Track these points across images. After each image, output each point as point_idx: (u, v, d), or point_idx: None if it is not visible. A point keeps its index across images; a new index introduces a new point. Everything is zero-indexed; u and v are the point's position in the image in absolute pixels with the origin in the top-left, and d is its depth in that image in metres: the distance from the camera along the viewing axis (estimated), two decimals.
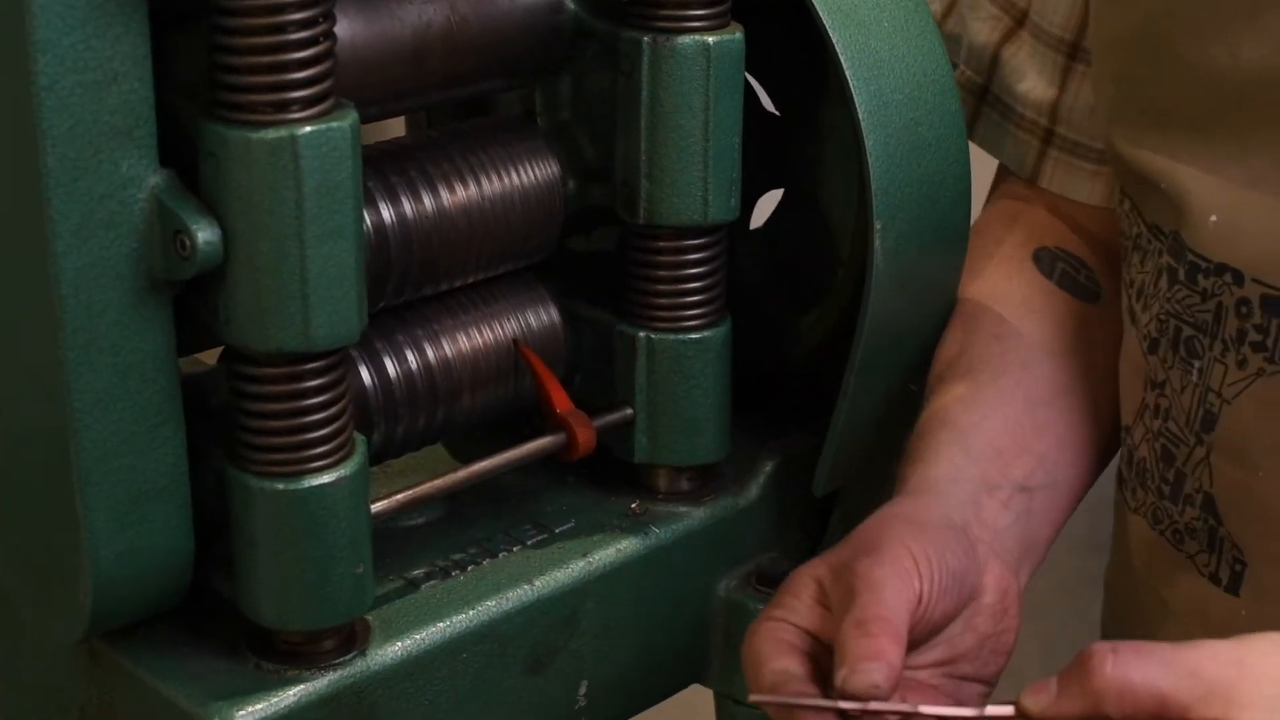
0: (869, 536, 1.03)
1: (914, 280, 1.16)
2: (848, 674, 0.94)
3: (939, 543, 1.03)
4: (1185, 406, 1.11)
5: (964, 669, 1.05)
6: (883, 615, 0.97)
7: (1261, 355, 1.05)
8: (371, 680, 1.02)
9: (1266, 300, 1.05)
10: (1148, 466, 1.15)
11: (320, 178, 0.89)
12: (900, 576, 0.99)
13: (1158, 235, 1.11)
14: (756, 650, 1.02)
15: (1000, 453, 1.13)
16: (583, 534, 1.14)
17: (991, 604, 1.06)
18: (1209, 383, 1.09)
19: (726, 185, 1.10)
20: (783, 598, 1.04)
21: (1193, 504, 1.12)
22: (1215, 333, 1.08)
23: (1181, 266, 1.09)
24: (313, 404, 0.95)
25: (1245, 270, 1.06)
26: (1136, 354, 1.15)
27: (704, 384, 1.14)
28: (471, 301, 1.12)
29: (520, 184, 1.10)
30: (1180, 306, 1.10)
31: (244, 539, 0.97)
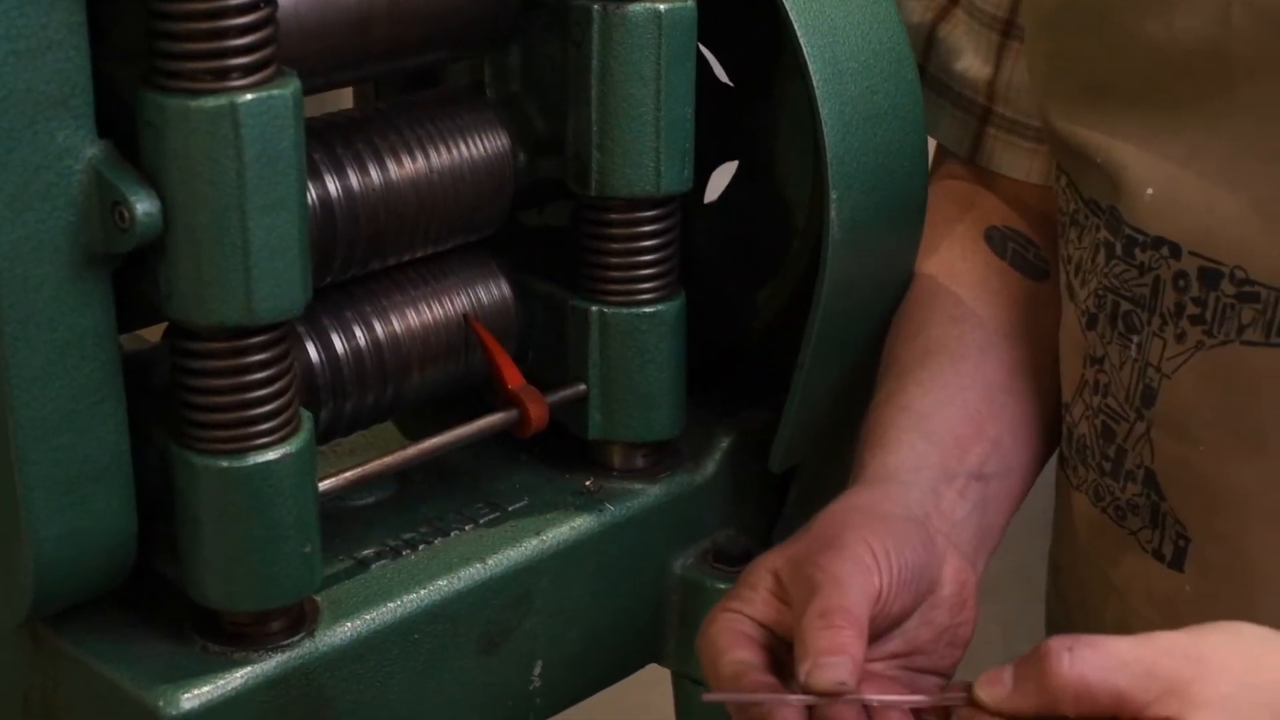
0: (828, 529, 1.03)
1: (871, 251, 1.14)
2: (811, 668, 0.94)
3: (899, 537, 1.02)
4: (1125, 382, 1.10)
5: (920, 661, 1.05)
6: (845, 607, 0.96)
7: (1200, 328, 1.05)
8: (321, 662, 1.00)
9: (1204, 272, 1.04)
10: (1088, 443, 1.15)
11: (261, 147, 0.88)
12: (861, 571, 0.99)
13: (1095, 210, 1.11)
14: (713, 642, 1.01)
15: (959, 440, 1.13)
16: (536, 512, 1.12)
17: (949, 596, 1.05)
18: (1148, 357, 1.08)
19: (679, 156, 1.08)
20: (739, 590, 1.03)
21: (1134, 480, 1.11)
22: (1153, 307, 1.08)
23: (1119, 241, 1.09)
24: (257, 379, 0.93)
25: (1182, 243, 1.05)
26: (1075, 330, 1.14)
27: (658, 359, 1.13)
28: (421, 276, 1.11)
29: (469, 156, 1.09)
30: (1118, 281, 1.09)
31: (188, 518, 0.95)
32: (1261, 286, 1.02)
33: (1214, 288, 1.04)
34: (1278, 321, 1.02)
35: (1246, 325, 1.03)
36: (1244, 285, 1.03)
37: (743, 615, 1.01)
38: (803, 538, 1.03)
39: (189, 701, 0.95)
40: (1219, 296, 1.04)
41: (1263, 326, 1.02)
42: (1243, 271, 1.03)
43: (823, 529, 1.03)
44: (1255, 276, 1.02)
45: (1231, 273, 1.03)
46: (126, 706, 0.96)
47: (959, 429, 1.13)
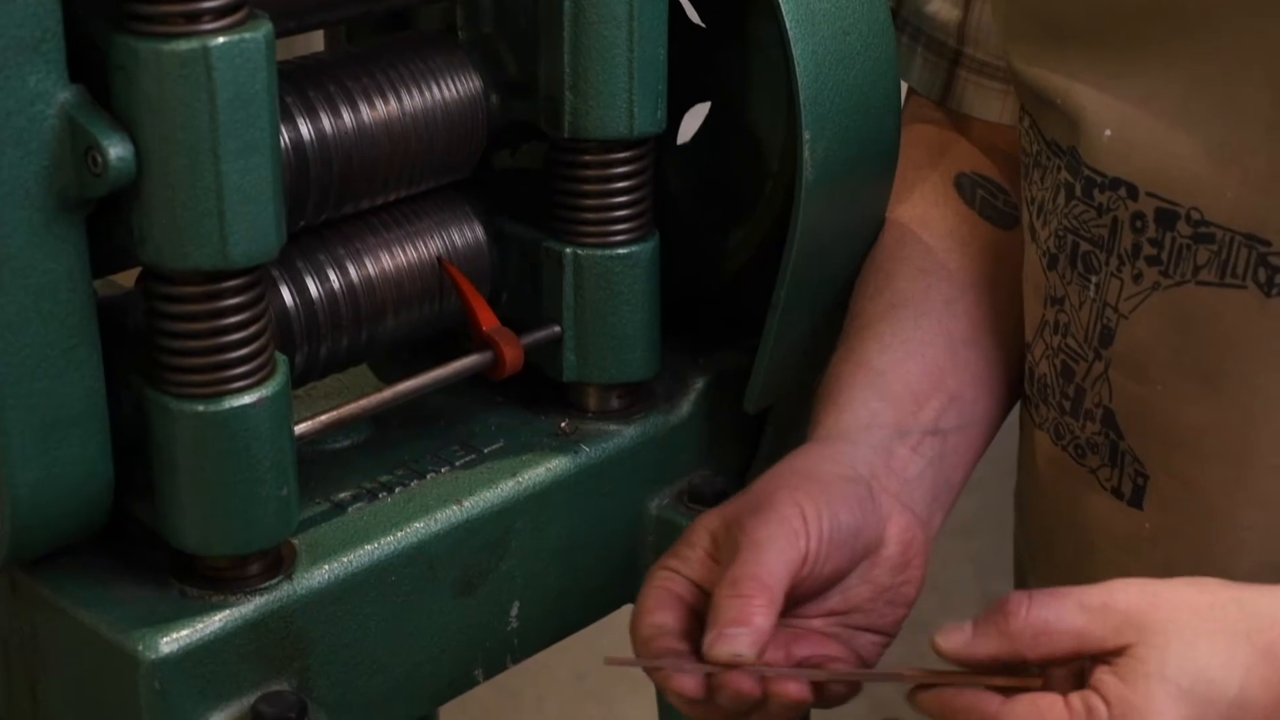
0: (763, 491, 1.04)
1: (844, 193, 1.14)
2: (714, 639, 0.96)
3: (832, 497, 1.03)
4: (1083, 322, 1.11)
5: (858, 620, 1.06)
6: (757, 575, 0.98)
7: (1156, 269, 1.06)
8: (299, 604, 1.00)
9: (1161, 213, 1.05)
10: (1049, 382, 1.15)
11: (234, 90, 0.87)
12: (785, 536, 1.00)
13: (1056, 152, 1.11)
14: (641, 602, 1.03)
15: (915, 396, 1.13)
16: (512, 454, 1.13)
17: (892, 556, 1.06)
18: (1105, 298, 1.09)
19: (653, 97, 1.08)
20: (679, 548, 1.04)
21: (1093, 419, 1.12)
22: (1111, 248, 1.08)
23: (1079, 182, 1.09)
24: (232, 323, 0.93)
25: (1140, 184, 1.06)
26: (1037, 271, 1.15)
27: (632, 300, 1.13)
28: (395, 220, 1.10)
29: (442, 99, 1.08)
30: (1078, 222, 1.10)
31: (165, 463, 0.95)
32: (1217, 228, 1.03)
33: (1170, 229, 1.05)
34: (1232, 262, 1.02)
35: (1202, 266, 1.04)
36: (1200, 226, 1.03)
37: (678, 575, 1.03)
38: (742, 498, 1.05)
39: (168, 645, 0.95)
40: (1175, 237, 1.05)
41: (1218, 267, 1.03)
42: (1198, 213, 1.03)
43: (759, 491, 1.04)
44: (1211, 218, 1.03)
45: (1188, 214, 1.04)
46: (105, 651, 0.96)
47: (916, 385, 1.14)
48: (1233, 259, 1.02)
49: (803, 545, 1.00)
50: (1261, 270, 1.01)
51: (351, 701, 1.04)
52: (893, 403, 1.12)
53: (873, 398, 1.12)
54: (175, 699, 0.96)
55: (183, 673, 0.96)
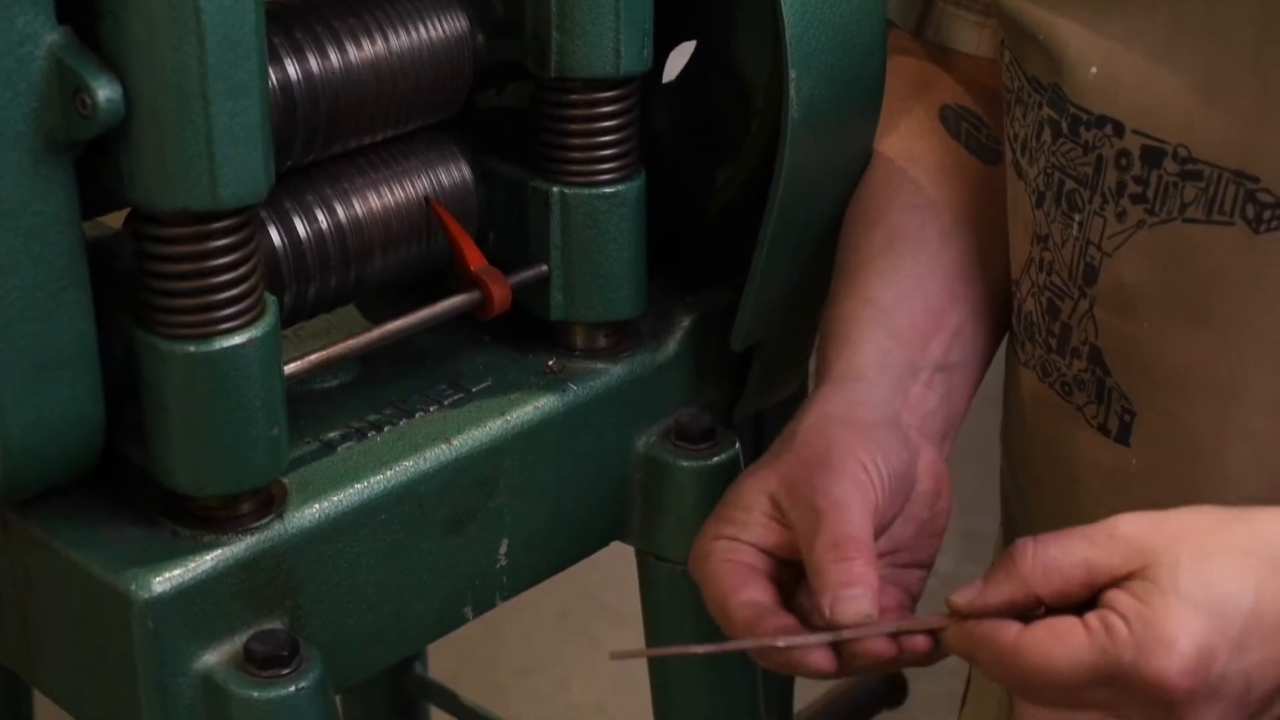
0: (816, 446, 1.03)
1: (830, 130, 1.15)
2: (834, 602, 0.96)
3: (883, 446, 1.03)
4: (1067, 260, 1.11)
5: (904, 557, 1.07)
6: (854, 535, 0.98)
7: (1141, 207, 1.06)
8: (289, 543, 1.01)
9: (1147, 151, 1.05)
10: (1035, 320, 1.16)
11: (223, 32, 0.87)
12: (859, 490, 1.00)
13: (1036, 88, 1.11)
14: (716, 579, 1.02)
15: (921, 333, 1.13)
16: (500, 393, 1.13)
17: (926, 490, 1.07)
18: (1089, 236, 1.09)
19: (639, 36, 1.08)
20: (731, 513, 1.04)
21: (1079, 356, 1.12)
22: (1095, 185, 1.08)
23: (1064, 120, 1.09)
24: (221, 264, 0.93)
25: (1126, 121, 1.06)
26: (1025, 208, 1.15)
27: (619, 239, 1.13)
28: (382, 160, 1.10)
29: (428, 38, 1.08)
30: (1064, 160, 1.10)
31: (155, 404, 0.95)
32: (1204, 164, 1.03)
33: (1157, 166, 1.05)
34: (1220, 199, 1.03)
35: (1189, 204, 1.04)
36: (1187, 164, 1.03)
37: (740, 543, 1.02)
38: (788, 457, 1.04)
39: (160, 585, 0.96)
40: (1161, 175, 1.05)
41: (1204, 205, 1.03)
42: (1185, 150, 1.03)
43: (808, 445, 1.04)
44: (1198, 155, 1.03)
45: (1174, 151, 1.04)
46: (98, 591, 0.97)
47: (921, 321, 1.14)
48: (1220, 196, 1.02)
49: (873, 498, 1.01)
50: (1250, 206, 1.01)
51: (342, 639, 1.05)
52: (901, 340, 1.12)
53: (883, 336, 1.12)
54: (168, 638, 0.96)
55: (175, 612, 0.96)
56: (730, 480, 1.15)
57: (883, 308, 1.13)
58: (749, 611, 1.00)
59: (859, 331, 1.12)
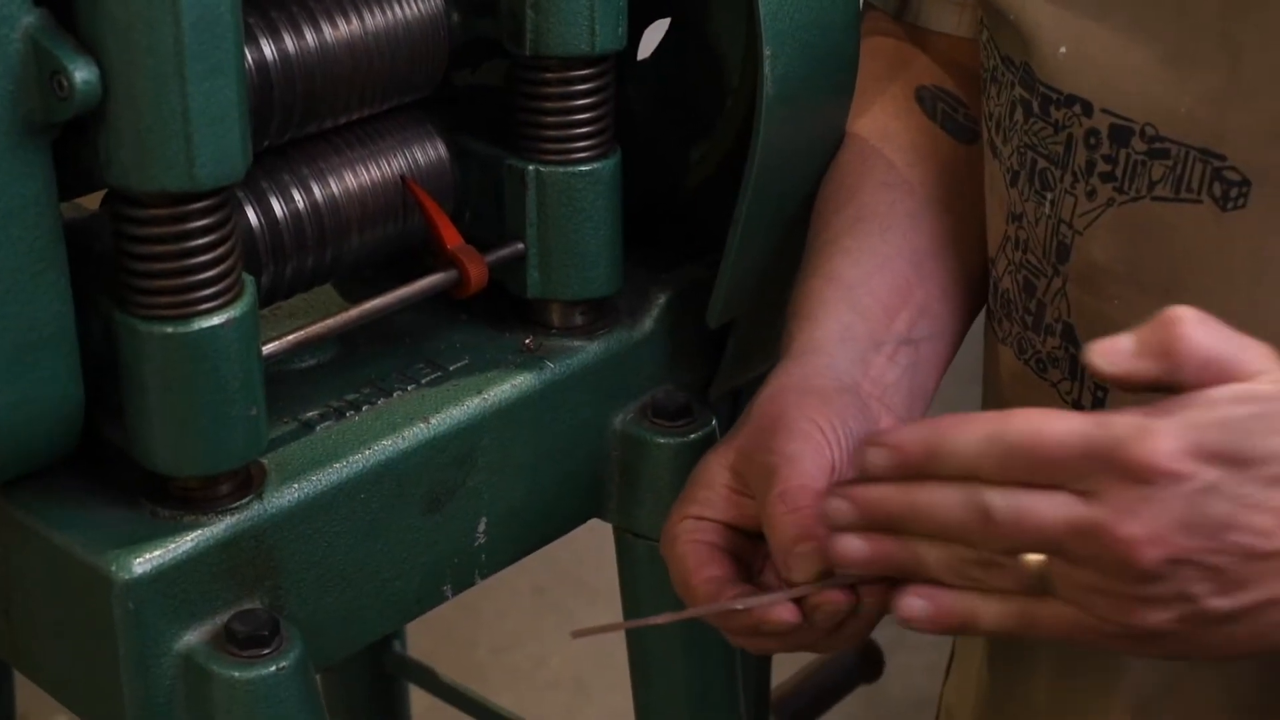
0: (769, 413, 1.04)
1: (804, 108, 1.15)
2: (786, 561, 0.96)
3: (840, 408, 1.04)
4: (1041, 238, 1.12)
5: None
6: (804, 485, 0.98)
7: (1111, 185, 1.07)
8: (269, 523, 1.01)
9: (1115, 129, 1.06)
10: (1012, 298, 1.16)
11: (199, 12, 0.87)
12: (813, 447, 1.00)
13: (1010, 67, 1.12)
14: (681, 559, 1.03)
15: (887, 309, 1.14)
16: (477, 371, 1.13)
17: None
18: (1061, 214, 1.10)
19: (614, 14, 1.08)
20: (695, 492, 1.04)
21: (1053, 333, 1.13)
22: (1066, 164, 1.09)
23: (1035, 99, 1.10)
24: (199, 245, 0.93)
25: (1094, 100, 1.06)
26: (1000, 187, 1.16)
27: (595, 217, 1.13)
28: (358, 139, 1.11)
29: (404, 17, 1.08)
30: (1036, 139, 1.11)
31: (135, 385, 0.96)
32: (1171, 143, 1.03)
33: (1125, 144, 1.05)
34: (1187, 177, 1.03)
35: (1157, 181, 1.04)
36: (1154, 142, 1.04)
37: (704, 521, 1.03)
38: (745, 429, 1.05)
39: (140, 565, 0.96)
40: (1129, 154, 1.05)
41: (1172, 183, 1.04)
42: (1153, 128, 1.04)
43: (763, 414, 1.04)
44: (1165, 133, 1.04)
45: (1142, 129, 1.05)
46: (79, 572, 0.97)
47: (886, 297, 1.14)
48: (1188, 174, 1.03)
49: (828, 454, 1.01)
50: (1217, 184, 1.02)
51: (322, 618, 1.05)
52: (865, 315, 1.13)
53: (845, 311, 1.12)
54: (148, 619, 0.97)
55: (156, 592, 0.97)
56: None
57: (847, 284, 1.14)
58: (711, 587, 1.01)
59: (822, 307, 1.13)
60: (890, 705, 2.76)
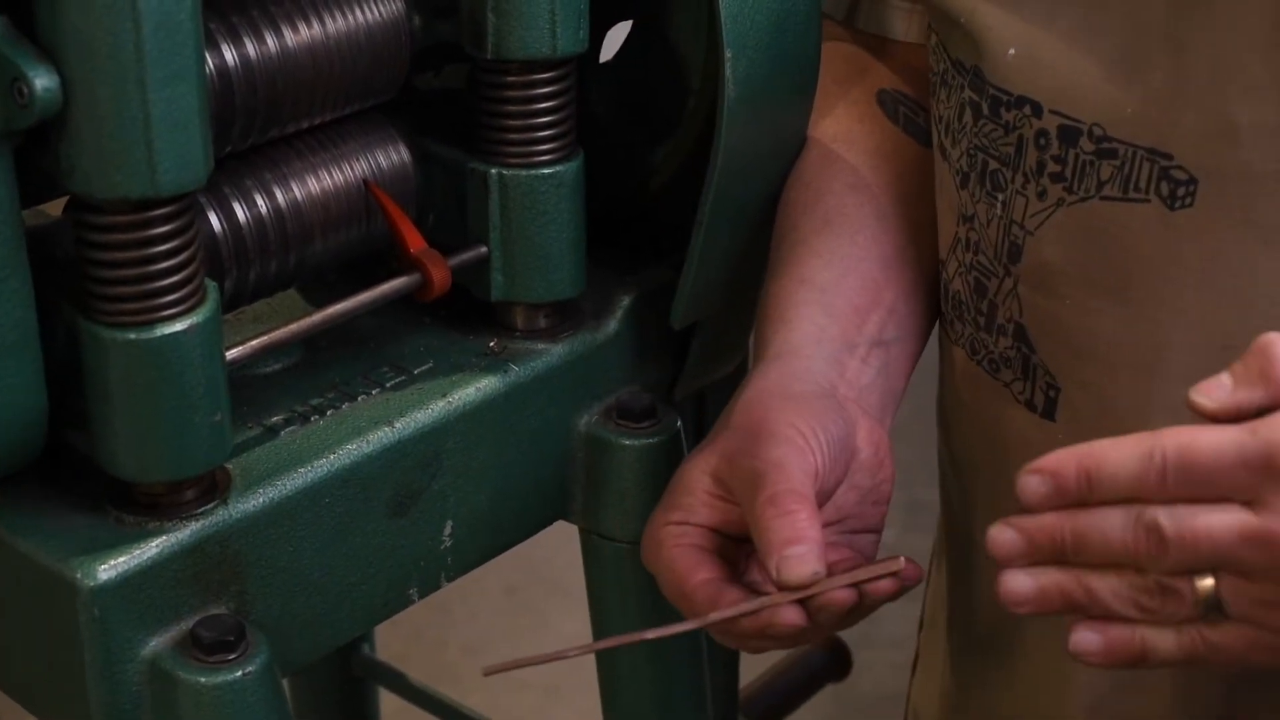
0: (750, 419, 1.04)
1: (766, 110, 1.15)
2: (779, 564, 0.96)
3: (820, 414, 1.04)
4: (992, 239, 1.12)
5: (852, 524, 1.08)
6: (793, 489, 0.99)
7: (1060, 185, 1.07)
8: (234, 529, 1.01)
9: (1064, 130, 1.06)
10: (963, 299, 1.17)
11: (159, 18, 0.87)
12: (797, 452, 1.01)
13: (960, 70, 1.13)
14: (670, 565, 1.03)
15: (858, 310, 1.14)
16: (442, 374, 1.13)
17: (867, 459, 1.08)
18: (1012, 215, 1.10)
19: (575, 17, 1.09)
20: (677, 498, 1.05)
21: (1005, 334, 1.14)
22: (1017, 165, 1.09)
23: (984, 101, 1.10)
24: (161, 251, 0.93)
25: (1043, 101, 1.07)
26: (950, 188, 1.16)
27: (558, 219, 1.14)
28: (320, 143, 1.11)
29: (365, 21, 1.08)
30: (986, 140, 1.11)
31: (98, 392, 0.96)
32: (1119, 143, 1.04)
33: (1073, 145, 1.06)
34: (1135, 178, 1.04)
35: (1105, 181, 1.05)
36: (1102, 142, 1.05)
37: (688, 525, 1.04)
38: (726, 433, 1.05)
39: (106, 572, 0.96)
40: (1078, 154, 1.06)
41: (1120, 182, 1.04)
42: (1100, 129, 1.05)
43: (744, 420, 1.05)
44: (1112, 133, 1.04)
45: (1090, 130, 1.05)
46: (44, 579, 0.97)
47: (857, 299, 1.15)
48: (1135, 174, 1.04)
49: (812, 460, 1.01)
50: (1164, 184, 1.03)
51: (289, 623, 1.05)
52: (837, 318, 1.13)
53: (819, 314, 1.13)
54: (114, 625, 0.97)
55: (121, 599, 0.97)
56: (672, 458, 1.16)
57: (819, 287, 1.14)
58: (710, 589, 1.01)
59: (796, 310, 1.13)
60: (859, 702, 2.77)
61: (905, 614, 1.38)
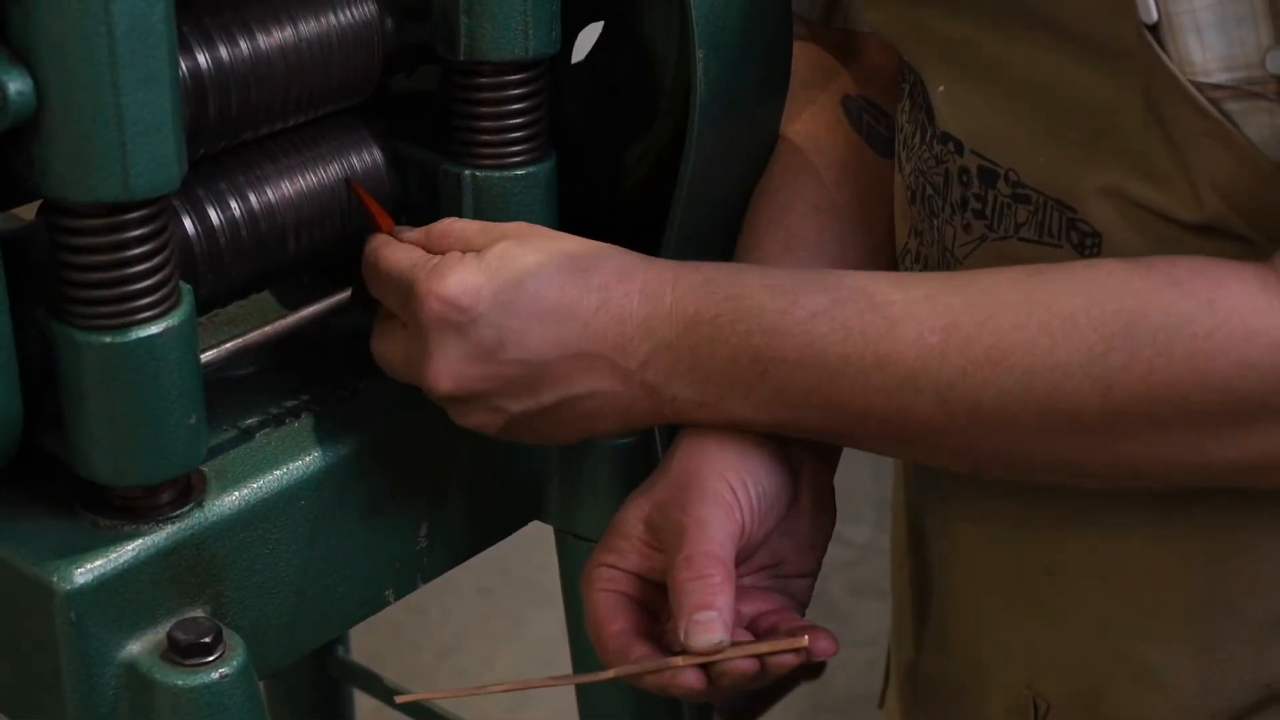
0: (688, 469, 1.05)
1: (738, 110, 1.16)
2: (687, 629, 0.98)
3: (755, 468, 1.05)
4: (934, 259, 1.13)
5: (787, 569, 1.08)
6: (710, 552, 1.00)
7: (982, 223, 1.08)
8: (210, 531, 1.01)
9: (983, 171, 1.07)
10: None
11: (132, 22, 0.87)
12: (723, 510, 1.02)
13: (920, 92, 1.13)
14: (594, 610, 1.04)
15: None
16: None
17: (806, 505, 1.09)
18: (944, 241, 1.11)
19: (547, 18, 1.09)
20: (613, 541, 1.06)
21: None
22: (946, 196, 1.10)
23: (930, 127, 1.11)
24: (136, 254, 0.93)
25: (965, 141, 1.08)
26: (903, 200, 1.17)
27: (532, 220, 1.14)
28: (294, 145, 1.11)
29: (337, 23, 1.08)
30: (925, 165, 1.12)
31: (73, 395, 0.96)
32: (1032, 190, 1.04)
33: (992, 186, 1.06)
34: (1049, 223, 1.04)
35: (1022, 224, 1.05)
36: (1017, 187, 1.05)
37: (618, 570, 1.05)
38: (662, 481, 1.06)
39: (82, 576, 0.96)
40: (997, 195, 1.06)
41: (1035, 226, 1.05)
42: (1015, 175, 1.05)
43: (681, 467, 1.06)
44: (1025, 180, 1.05)
45: (1006, 174, 1.06)
46: (20, 584, 0.97)
47: None
48: (1048, 220, 1.04)
49: (739, 518, 1.03)
50: (1073, 233, 1.03)
51: (265, 625, 1.05)
52: None
53: None
54: (91, 629, 0.97)
55: (98, 603, 0.97)
56: (646, 459, 1.16)
57: None
58: (621, 641, 1.03)
59: None
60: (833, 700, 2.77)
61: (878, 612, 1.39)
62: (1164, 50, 0.95)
